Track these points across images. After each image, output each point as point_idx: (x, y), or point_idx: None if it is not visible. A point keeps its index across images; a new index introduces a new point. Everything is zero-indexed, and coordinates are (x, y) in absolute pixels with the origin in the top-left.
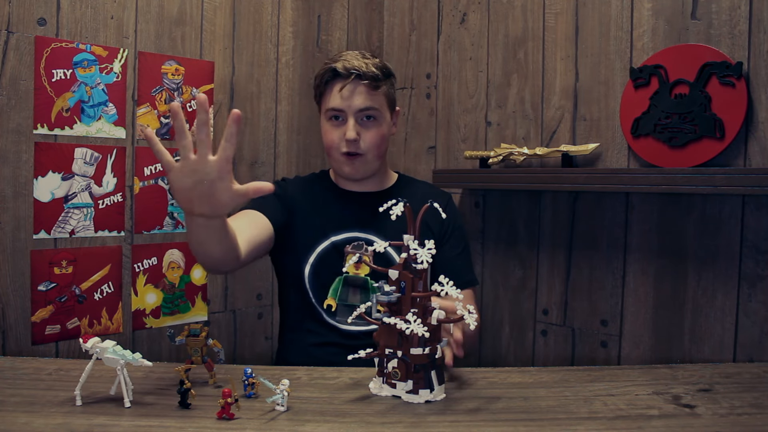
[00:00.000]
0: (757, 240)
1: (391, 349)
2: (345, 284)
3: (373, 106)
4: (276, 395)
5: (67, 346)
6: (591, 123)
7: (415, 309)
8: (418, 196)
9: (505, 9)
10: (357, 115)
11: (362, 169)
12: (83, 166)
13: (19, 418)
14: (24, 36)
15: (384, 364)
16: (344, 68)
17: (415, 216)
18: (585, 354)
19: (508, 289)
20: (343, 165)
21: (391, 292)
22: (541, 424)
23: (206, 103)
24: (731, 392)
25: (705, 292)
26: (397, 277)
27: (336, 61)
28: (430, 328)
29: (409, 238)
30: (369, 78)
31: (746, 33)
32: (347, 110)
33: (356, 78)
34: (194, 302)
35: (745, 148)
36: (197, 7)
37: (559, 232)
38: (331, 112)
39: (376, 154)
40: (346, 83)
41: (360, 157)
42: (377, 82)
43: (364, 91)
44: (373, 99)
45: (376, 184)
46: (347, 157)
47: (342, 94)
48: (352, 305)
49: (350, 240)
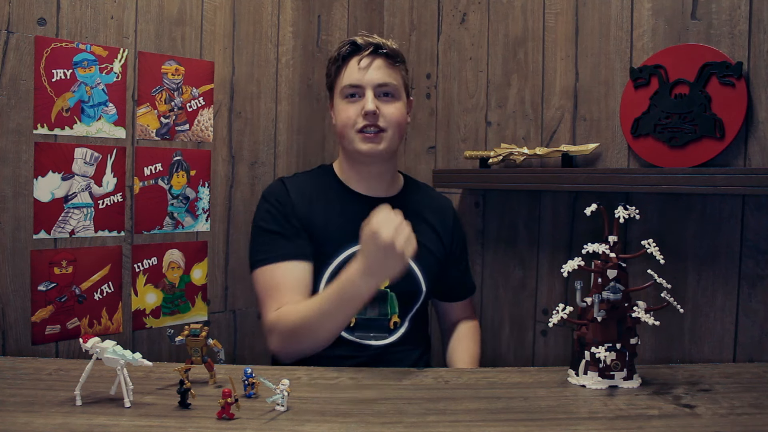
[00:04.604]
0: (757, 240)
1: (609, 343)
2: None
3: (391, 82)
4: (276, 395)
5: (67, 346)
6: (591, 123)
7: (632, 304)
8: (426, 202)
9: (505, 9)
10: (376, 90)
11: (381, 147)
12: (83, 166)
13: (19, 418)
14: (24, 36)
15: (600, 358)
16: (364, 41)
17: None
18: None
19: (508, 289)
20: (359, 143)
21: (618, 289)
22: (541, 424)
23: None
24: (731, 392)
25: (705, 292)
26: (615, 276)
27: (354, 38)
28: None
29: (614, 238)
30: (389, 53)
31: (746, 33)
32: (366, 85)
33: (375, 51)
34: (194, 302)
35: (745, 148)
36: (197, 7)
37: (559, 232)
38: (348, 89)
39: (397, 131)
40: (364, 56)
41: (380, 133)
42: (396, 59)
43: (384, 66)
44: (392, 75)
45: (385, 188)
46: (364, 135)
47: (360, 66)
48: (371, 319)
49: None
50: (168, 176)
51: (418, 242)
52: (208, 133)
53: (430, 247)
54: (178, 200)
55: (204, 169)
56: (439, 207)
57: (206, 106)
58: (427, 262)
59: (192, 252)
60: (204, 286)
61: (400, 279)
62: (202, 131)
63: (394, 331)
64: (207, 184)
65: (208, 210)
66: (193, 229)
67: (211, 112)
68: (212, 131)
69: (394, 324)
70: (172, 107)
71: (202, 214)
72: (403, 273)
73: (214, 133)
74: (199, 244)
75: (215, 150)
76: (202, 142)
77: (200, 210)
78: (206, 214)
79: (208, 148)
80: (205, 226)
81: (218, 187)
